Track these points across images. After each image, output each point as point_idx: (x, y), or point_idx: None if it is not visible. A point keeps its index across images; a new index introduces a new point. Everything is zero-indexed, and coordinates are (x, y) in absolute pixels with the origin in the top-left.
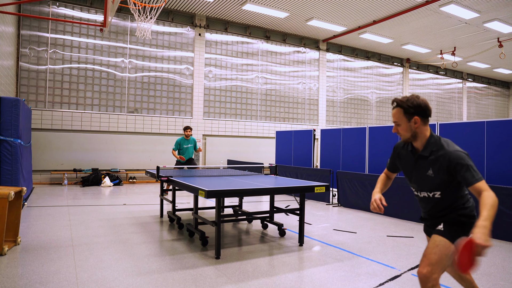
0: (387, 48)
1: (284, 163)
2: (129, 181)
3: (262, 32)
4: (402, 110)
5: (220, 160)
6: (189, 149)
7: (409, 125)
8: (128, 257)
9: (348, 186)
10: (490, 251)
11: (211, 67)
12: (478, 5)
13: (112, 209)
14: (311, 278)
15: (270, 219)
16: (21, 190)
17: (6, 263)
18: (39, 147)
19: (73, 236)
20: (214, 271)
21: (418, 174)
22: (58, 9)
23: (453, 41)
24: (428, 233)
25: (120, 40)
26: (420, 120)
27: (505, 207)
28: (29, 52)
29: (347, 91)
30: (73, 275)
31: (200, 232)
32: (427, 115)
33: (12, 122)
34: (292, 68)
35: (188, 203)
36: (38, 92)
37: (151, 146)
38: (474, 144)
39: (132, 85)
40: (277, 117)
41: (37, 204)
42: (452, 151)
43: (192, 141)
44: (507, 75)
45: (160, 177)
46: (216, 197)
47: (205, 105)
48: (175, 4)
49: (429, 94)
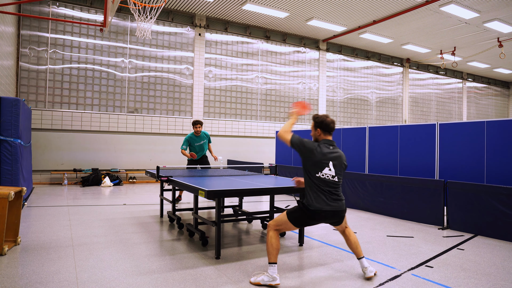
0: (387, 48)
1: (284, 163)
2: (129, 181)
3: (262, 32)
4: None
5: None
6: (202, 146)
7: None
8: (128, 257)
9: (348, 186)
10: (490, 251)
11: (211, 67)
12: (478, 5)
13: (112, 209)
14: (311, 278)
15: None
16: (21, 190)
17: (6, 263)
18: (39, 147)
19: (73, 236)
20: (214, 271)
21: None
22: (58, 9)
23: (453, 41)
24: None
25: (120, 40)
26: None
27: (505, 207)
28: (29, 52)
29: (347, 91)
30: (73, 275)
31: (200, 232)
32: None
33: (12, 122)
34: (292, 68)
35: (188, 203)
36: (38, 92)
37: (151, 146)
38: (474, 144)
39: (132, 85)
40: (277, 117)
41: (37, 204)
42: None
43: (205, 136)
44: (507, 75)
45: (160, 177)
46: (216, 197)
47: (205, 105)
48: (175, 4)
49: (429, 94)
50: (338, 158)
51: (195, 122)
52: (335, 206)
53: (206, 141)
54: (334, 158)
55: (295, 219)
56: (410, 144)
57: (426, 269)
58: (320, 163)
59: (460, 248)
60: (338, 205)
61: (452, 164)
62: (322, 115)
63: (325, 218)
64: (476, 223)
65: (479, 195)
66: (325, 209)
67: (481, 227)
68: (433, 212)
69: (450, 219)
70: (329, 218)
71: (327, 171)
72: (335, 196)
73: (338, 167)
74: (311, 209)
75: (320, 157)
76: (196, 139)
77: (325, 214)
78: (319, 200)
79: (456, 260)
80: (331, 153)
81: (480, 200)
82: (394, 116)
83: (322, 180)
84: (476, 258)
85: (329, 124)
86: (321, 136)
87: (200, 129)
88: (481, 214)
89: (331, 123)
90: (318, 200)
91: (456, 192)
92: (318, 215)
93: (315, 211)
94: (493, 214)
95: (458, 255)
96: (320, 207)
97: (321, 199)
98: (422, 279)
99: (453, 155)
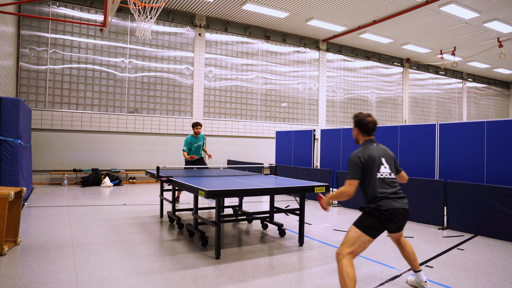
0: (387, 48)
1: (284, 163)
2: (129, 181)
3: (262, 32)
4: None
5: (220, 160)
6: (200, 147)
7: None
8: (128, 257)
9: None
10: (490, 251)
11: (211, 67)
12: (478, 5)
13: (112, 209)
14: (311, 278)
15: (270, 219)
16: (21, 190)
17: (6, 263)
18: (39, 147)
19: (73, 236)
20: (214, 271)
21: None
22: (58, 9)
23: (453, 41)
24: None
25: (120, 40)
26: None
27: (505, 207)
28: (29, 52)
29: (347, 91)
30: (73, 275)
31: (200, 232)
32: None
33: (12, 122)
34: (292, 68)
35: (188, 203)
36: (38, 92)
37: (151, 146)
38: (474, 144)
39: (132, 85)
40: (277, 117)
41: (37, 204)
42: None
43: (202, 137)
44: (507, 75)
45: (160, 177)
46: (216, 197)
47: (205, 105)
48: (175, 4)
49: (429, 94)
50: (385, 153)
51: (196, 124)
52: (403, 204)
53: (203, 143)
54: (382, 154)
55: (366, 227)
56: (410, 144)
57: (426, 269)
58: (372, 164)
59: (460, 248)
60: (404, 202)
61: (452, 164)
62: (363, 113)
63: (396, 218)
64: (476, 223)
65: (479, 195)
66: (396, 207)
67: (481, 227)
68: (433, 212)
69: (450, 219)
70: (400, 217)
71: (383, 169)
72: (399, 195)
73: (389, 161)
74: (383, 209)
75: (369, 161)
76: (195, 140)
77: (396, 212)
78: (387, 201)
79: (456, 260)
80: (377, 149)
81: (480, 200)
82: (394, 116)
83: (382, 181)
84: (476, 258)
85: (367, 124)
86: (360, 136)
87: (200, 131)
88: (481, 214)
89: (369, 123)
90: (385, 200)
91: (456, 192)
92: (391, 215)
93: (387, 210)
94: (493, 214)
95: (458, 255)
96: (391, 205)
97: (388, 199)
98: None
99: (453, 155)
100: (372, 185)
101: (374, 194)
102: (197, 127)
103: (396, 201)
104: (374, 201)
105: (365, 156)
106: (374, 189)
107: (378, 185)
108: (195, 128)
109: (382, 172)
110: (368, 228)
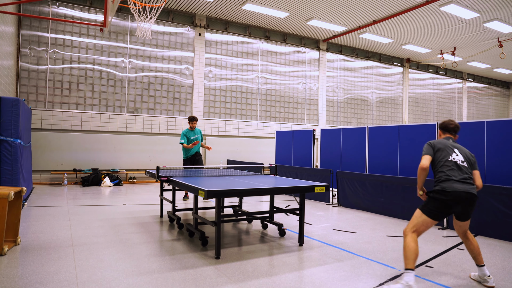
0: (387, 48)
1: (284, 163)
2: (129, 181)
3: (262, 32)
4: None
5: (220, 160)
6: (196, 141)
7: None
8: (128, 257)
9: (348, 186)
10: (490, 251)
11: (211, 67)
12: (478, 5)
13: (112, 209)
14: (311, 278)
15: (270, 219)
16: (21, 190)
17: (6, 263)
18: (39, 147)
19: (73, 236)
20: (214, 271)
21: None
22: (58, 9)
23: (453, 41)
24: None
25: (120, 40)
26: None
27: (505, 207)
28: (29, 52)
29: (347, 91)
30: (73, 275)
31: (200, 232)
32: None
33: (12, 122)
34: (292, 68)
35: (188, 203)
36: (38, 92)
37: (151, 146)
38: (474, 144)
39: (132, 85)
40: (277, 117)
41: (37, 204)
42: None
43: (198, 132)
44: (507, 75)
45: (160, 177)
46: (216, 197)
47: (205, 105)
48: (175, 4)
49: (429, 94)
50: (460, 147)
51: (192, 118)
52: (468, 188)
53: (200, 137)
54: (456, 146)
55: (430, 211)
56: (410, 144)
57: (426, 269)
58: (444, 150)
59: (460, 248)
60: (470, 187)
61: None
62: (446, 120)
63: (460, 200)
64: (476, 223)
65: (479, 195)
66: (459, 189)
67: (481, 227)
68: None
69: (450, 219)
70: (463, 200)
71: (455, 156)
72: (468, 181)
73: (463, 155)
74: (448, 191)
75: (440, 146)
76: (191, 134)
77: (460, 195)
78: (452, 183)
79: (456, 260)
80: (452, 142)
81: (480, 200)
82: (394, 116)
83: (454, 163)
84: None
85: (447, 125)
86: (441, 136)
87: (195, 125)
88: (481, 214)
89: (449, 124)
90: (450, 182)
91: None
92: (453, 197)
93: (451, 192)
94: (493, 214)
95: (458, 255)
96: (455, 188)
97: (454, 182)
98: (422, 279)
99: None
100: (442, 165)
101: (442, 173)
102: (192, 122)
103: (461, 185)
104: (440, 181)
105: (436, 141)
106: (443, 168)
107: (447, 165)
108: (190, 122)
109: (454, 157)
110: (430, 212)
